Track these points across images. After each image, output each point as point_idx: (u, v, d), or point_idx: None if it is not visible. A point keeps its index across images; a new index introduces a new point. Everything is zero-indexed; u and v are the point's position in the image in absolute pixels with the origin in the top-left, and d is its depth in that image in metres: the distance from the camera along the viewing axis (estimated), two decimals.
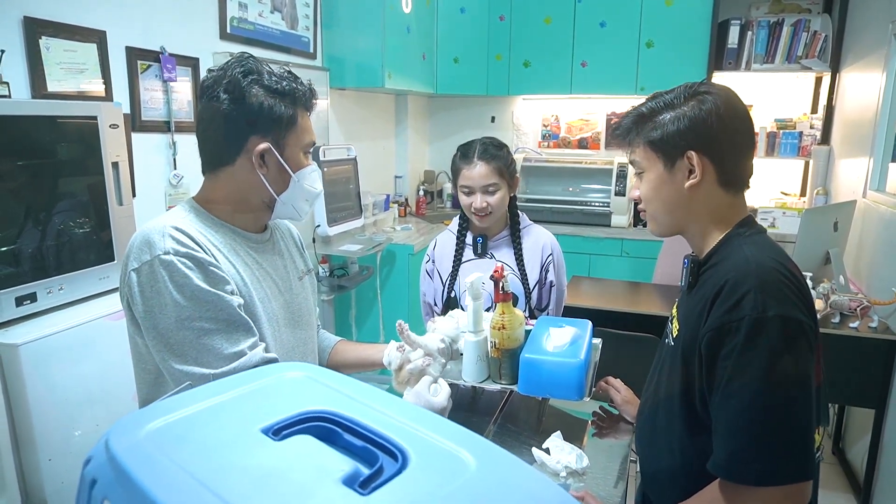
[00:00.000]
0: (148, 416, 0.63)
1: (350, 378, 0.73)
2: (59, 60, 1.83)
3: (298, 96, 1.16)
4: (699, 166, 1.02)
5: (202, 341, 1.04)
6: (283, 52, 2.94)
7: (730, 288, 0.95)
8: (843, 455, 2.93)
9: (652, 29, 3.76)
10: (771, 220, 3.60)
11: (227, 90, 1.11)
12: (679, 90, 1.05)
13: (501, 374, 1.32)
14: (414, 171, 4.47)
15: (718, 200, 1.05)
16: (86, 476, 0.59)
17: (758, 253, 0.99)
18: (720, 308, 0.95)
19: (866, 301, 2.42)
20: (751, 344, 0.91)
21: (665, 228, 1.11)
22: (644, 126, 1.06)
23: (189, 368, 1.04)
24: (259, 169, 1.14)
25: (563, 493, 0.58)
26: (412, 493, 0.54)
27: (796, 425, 0.92)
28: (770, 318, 0.91)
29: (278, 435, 0.61)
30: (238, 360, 1.06)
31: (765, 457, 0.91)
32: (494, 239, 1.81)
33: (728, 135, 1.02)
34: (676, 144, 1.02)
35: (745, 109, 1.05)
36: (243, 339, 1.08)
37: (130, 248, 1.08)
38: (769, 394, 0.91)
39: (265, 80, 1.13)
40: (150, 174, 2.22)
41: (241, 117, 1.11)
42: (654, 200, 1.08)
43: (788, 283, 0.94)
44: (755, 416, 0.91)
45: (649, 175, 1.07)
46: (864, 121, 3.01)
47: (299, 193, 1.20)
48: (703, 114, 1.01)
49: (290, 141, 1.16)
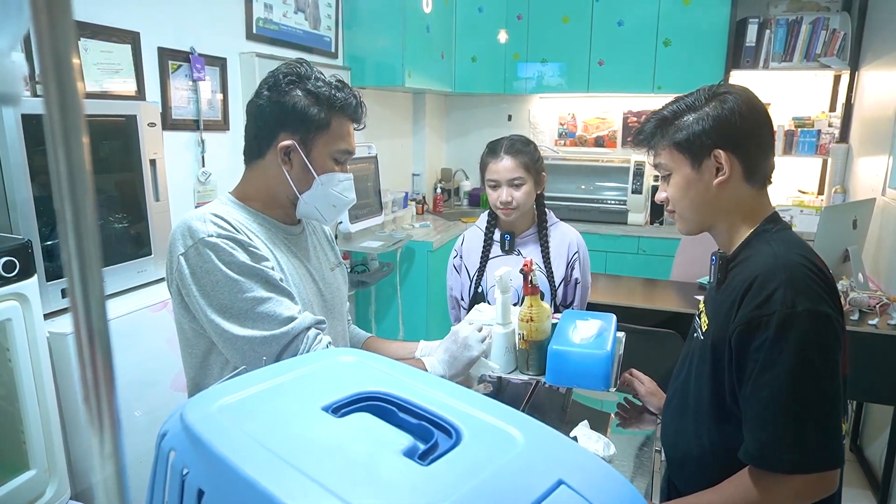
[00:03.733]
0: (216, 394, 0.68)
1: (399, 363, 0.77)
2: (95, 61, 1.89)
3: (335, 102, 1.19)
4: (727, 163, 1.05)
5: (259, 310, 1.10)
6: (306, 52, 2.99)
7: (759, 284, 0.98)
8: (861, 452, 2.94)
9: (669, 28, 3.77)
10: (789, 219, 3.60)
11: (269, 88, 1.18)
12: (699, 92, 1.09)
13: (529, 364, 1.36)
14: (431, 169, 4.51)
15: (745, 196, 1.08)
16: (163, 448, 0.64)
17: (785, 249, 1.02)
18: (750, 303, 0.98)
19: (885, 298, 2.43)
20: (781, 337, 0.94)
21: (694, 226, 1.14)
22: (668, 129, 1.10)
23: (252, 333, 1.09)
24: (283, 165, 1.19)
25: (605, 465, 0.62)
26: (468, 464, 0.58)
27: (826, 415, 0.95)
28: (799, 312, 0.94)
29: (338, 413, 0.66)
30: (293, 322, 1.12)
31: (797, 446, 0.94)
32: (522, 236, 1.85)
33: (751, 131, 1.05)
34: (703, 144, 1.06)
35: (764, 107, 1.08)
36: (293, 305, 1.15)
37: (174, 237, 1.13)
38: (799, 384, 0.94)
39: (308, 85, 1.18)
40: (179, 171, 2.28)
41: (274, 113, 1.17)
42: (682, 200, 1.11)
43: (816, 279, 0.98)
44: (786, 406, 0.95)
45: (676, 176, 1.10)
46: (883, 119, 3.01)
47: (324, 197, 1.24)
48: (726, 112, 1.04)
49: (320, 143, 1.20)
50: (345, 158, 1.27)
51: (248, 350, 1.09)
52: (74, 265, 0.37)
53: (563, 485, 0.57)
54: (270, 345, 1.09)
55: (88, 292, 0.38)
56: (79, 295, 0.37)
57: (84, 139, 0.38)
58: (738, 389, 1.02)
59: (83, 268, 0.38)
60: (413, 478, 0.55)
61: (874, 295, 2.45)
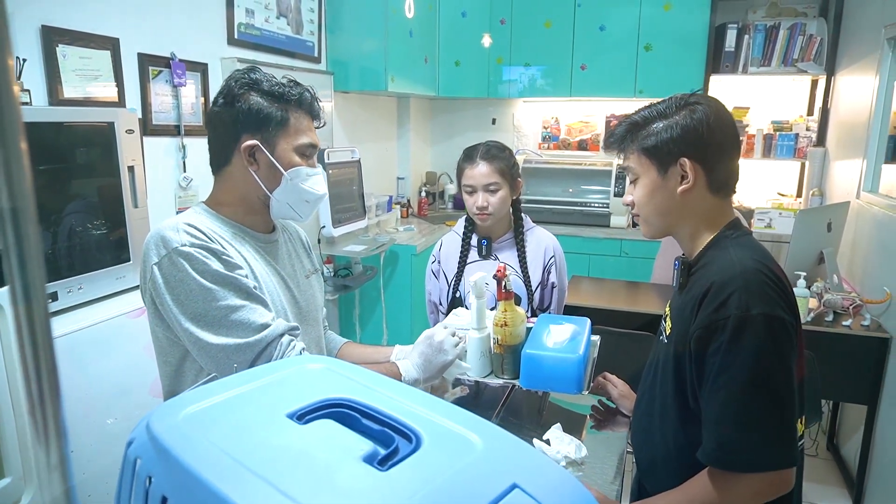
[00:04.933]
0: (183, 402, 0.69)
1: (366, 369, 0.79)
2: (74, 67, 1.89)
3: (290, 97, 1.22)
4: (691, 172, 1.07)
5: (232, 317, 1.11)
6: (289, 57, 3.00)
7: (716, 289, 1.01)
8: (837, 451, 2.99)
9: (650, 32, 3.82)
10: (767, 221, 3.66)
11: (224, 96, 1.20)
12: (670, 100, 1.11)
13: (504, 369, 1.38)
14: (416, 173, 4.53)
15: (708, 204, 1.11)
16: (129, 455, 0.65)
17: (742, 255, 1.05)
18: (708, 307, 1.02)
19: (859, 300, 2.49)
20: (736, 340, 0.97)
21: (657, 231, 1.17)
22: (638, 134, 1.12)
23: (225, 341, 1.10)
24: (249, 166, 1.21)
25: (561, 469, 0.64)
26: (426, 469, 0.60)
27: (780, 415, 0.98)
28: (754, 316, 0.97)
29: (302, 419, 0.67)
30: (267, 329, 1.13)
31: (751, 445, 0.97)
32: (498, 241, 1.87)
33: (717, 142, 1.08)
34: (670, 151, 1.08)
35: (731, 119, 1.11)
36: (266, 312, 1.16)
37: (147, 247, 1.15)
38: (754, 386, 0.97)
39: (262, 86, 1.20)
40: (160, 177, 2.28)
41: (232, 118, 1.19)
42: (647, 205, 1.14)
43: (771, 283, 1.01)
44: (742, 407, 0.98)
45: (643, 181, 1.13)
46: (858, 123, 3.07)
47: (295, 192, 1.25)
48: (694, 122, 1.07)
49: (281, 140, 1.22)
50: (310, 152, 1.28)
51: (222, 358, 1.10)
52: (17, 278, 0.38)
53: (518, 488, 0.58)
54: (244, 352, 1.10)
55: (32, 306, 0.39)
56: (22, 308, 0.38)
57: (22, 145, 0.37)
58: (698, 391, 1.04)
59: (26, 281, 0.38)
60: (370, 483, 0.57)
61: (848, 296, 2.50)
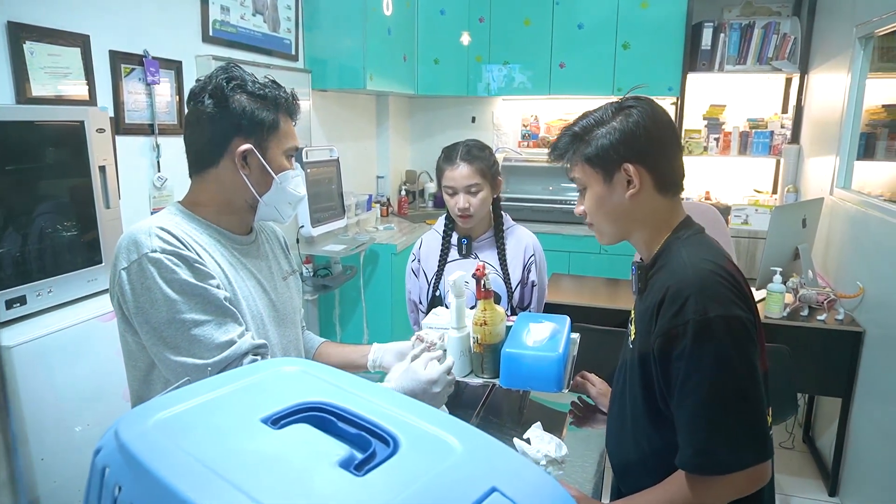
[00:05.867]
0: (153, 408, 0.67)
1: (342, 372, 0.78)
2: (43, 65, 1.84)
3: (281, 102, 1.21)
4: (636, 176, 1.08)
5: (193, 332, 1.08)
6: (266, 55, 2.96)
7: (672, 294, 1.02)
8: (812, 443, 3.04)
9: (628, 31, 3.85)
10: (744, 217, 3.71)
11: (211, 95, 1.17)
12: (606, 107, 1.12)
13: (484, 368, 1.38)
14: (396, 171, 4.51)
15: (658, 205, 1.11)
16: (97, 464, 0.63)
17: (695, 257, 1.05)
18: (666, 314, 1.02)
19: (833, 294, 2.53)
20: (698, 345, 0.98)
21: (611, 238, 1.17)
22: (579, 144, 1.12)
23: (183, 360, 1.08)
24: (241, 170, 1.19)
25: (540, 471, 0.63)
26: (404, 473, 0.59)
27: (751, 412, 0.99)
28: (712, 318, 0.97)
29: (277, 424, 0.66)
30: (229, 348, 1.10)
31: (727, 447, 0.98)
32: (479, 240, 1.87)
33: (656, 143, 1.09)
34: (611, 158, 1.09)
35: (668, 117, 1.12)
36: (232, 329, 1.13)
37: (118, 249, 1.12)
38: (721, 388, 0.98)
39: (248, 87, 1.18)
40: (134, 177, 2.24)
41: (225, 120, 1.16)
42: (598, 213, 1.14)
43: (726, 283, 1.01)
44: (712, 412, 0.98)
45: (591, 190, 1.13)
46: (830, 121, 3.12)
47: (282, 196, 1.25)
48: (630, 125, 1.08)
49: (273, 144, 1.21)
50: (293, 155, 1.28)
51: (181, 374, 1.07)
52: None
53: (497, 492, 0.58)
54: (202, 372, 1.07)
55: None
56: None
57: None
58: (668, 396, 1.05)
59: None
60: (347, 489, 0.56)
61: (822, 291, 2.54)
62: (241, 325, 1.16)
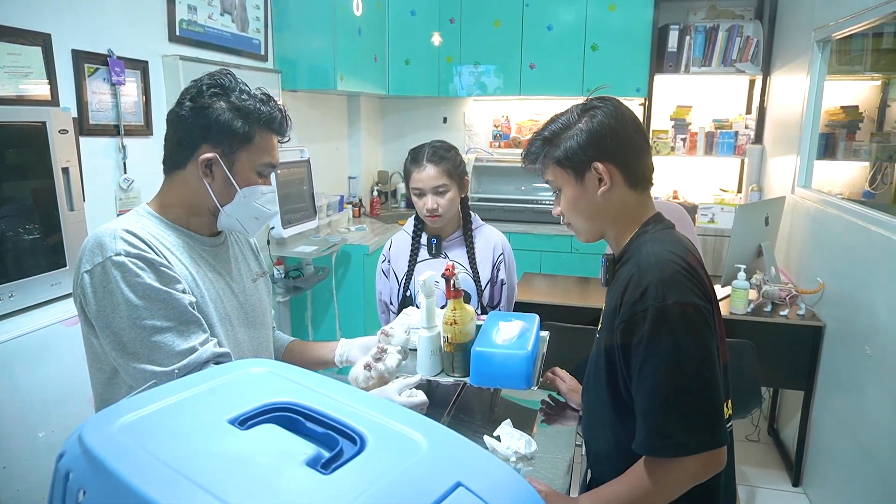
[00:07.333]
0: (118, 411, 0.67)
1: (310, 371, 0.78)
2: (2, 64, 1.80)
3: (259, 116, 1.18)
4: (606, 173, 1.12)
5: (154, 339, 1.07)
6: (234, 55, 2.93)
7: (634, 282, 1.06)
8: (777, 435, 3.12)
9: (596, 33, 3.90)
10: (710, 216, 3.79)
11: (191, 98, 1.16)
12: (572, 109, 1.16)
13: (454, 367, 1.39)
14: (368, 172, 4.50)
15: (629, 201, 1.15)
16: (60, 469, 0.62)
17: (658, 247, 1.09)
18: (628, 301, 1.06)
19: (795, 291, 2.60)
20: (656, 330, 1.01)
21: (589, 235, 1.21)
22: (550, 148, 1.16)
23: (143, 366, 1.07)
24: (204, 177, 1.17)
25: (505, 466, 0.64)
26: (370, 471, 0.59)
27: (705, 398, 1.02)
28: (670, 305, 1.01)
29: (244, 425, 0.66)
30: (190, 356, 1.09)
31: (679, 431, 1.01)
32: (448, 239, 1.88)
33: (623, 140, 1.12)
34: (581, 158, 1.12)
35: (632, 115, 1.16)
36: (195, 336, 1.12)
37: (83, 252, 1.11)
38: (678, 372, 1.01)
39: (232, 97, 1.16)
40: (99, 179, 2.19)
41: (196, 125, 1.15)
42: (573, 212, 1.18)
43: (685, 273, 1.05)
44: (667, 394, 1.01)
45: (565, 191, 1.17)
46: (791, 121, 3.20)
47: (247, 210, 1.23)
48: (596, 125, 1.12)
49: (243, 157, 1.19)
50: (268, 172, 1.26)
51: (141, 380, 1.06)
52: None
53: (462, 487, 0.59)
54: (161, 380, 1.06)
55: None
56: None
57: None
58: (629, 384, 1.08)
59: None
60: (313, 487, 0.56)
61: (784, 288, 2.61)
62: (205, 332, 1.15)
